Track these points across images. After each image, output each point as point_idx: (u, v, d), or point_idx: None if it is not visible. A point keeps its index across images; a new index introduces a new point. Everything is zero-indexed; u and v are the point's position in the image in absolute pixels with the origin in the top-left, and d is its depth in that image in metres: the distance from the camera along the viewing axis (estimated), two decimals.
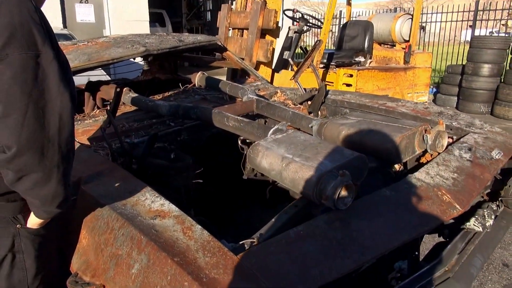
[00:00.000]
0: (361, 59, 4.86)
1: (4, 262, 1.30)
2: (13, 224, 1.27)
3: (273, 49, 3.83)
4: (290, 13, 4.22)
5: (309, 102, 2.78)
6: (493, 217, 1.74)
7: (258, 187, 2.16)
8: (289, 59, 4.18)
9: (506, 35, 11.41)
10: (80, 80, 3.61)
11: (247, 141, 2.12)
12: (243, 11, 4.09)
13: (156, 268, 1.15)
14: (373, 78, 4.50)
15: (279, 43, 4.49)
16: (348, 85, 4.40)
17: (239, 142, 2.49)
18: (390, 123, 1.82)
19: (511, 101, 6.95)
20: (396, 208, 1.37)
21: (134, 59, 4.42)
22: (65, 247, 1.53)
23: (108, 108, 1.99)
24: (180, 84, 3.29)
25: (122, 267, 1.25)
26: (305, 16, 4.19)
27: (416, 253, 1.58)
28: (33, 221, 1.27)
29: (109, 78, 5.53)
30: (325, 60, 4.66)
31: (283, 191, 1.89)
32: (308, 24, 4.31)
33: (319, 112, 2.74)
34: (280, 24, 4.32)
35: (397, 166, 1.81)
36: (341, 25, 5.70)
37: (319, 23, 4.47)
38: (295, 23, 4.24)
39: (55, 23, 9.18)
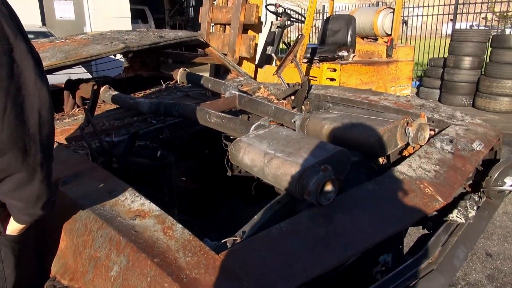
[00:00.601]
0: (344, 53, 4.87)
1: None
2: None
3: (256, 45, 3.80)
4: (272, 8, 4.19)
5: (293, 97, 2.76)
6: (475, 208, 1.76)
7: (243, 183, 2.14)
8: (272, 54, 4.16)
9: (486, 28, 11.59)
10: (59, 79, 3.53)
11: (231, 137, 2.10)
12: (225, 6, 4.04)
13: (136, 269, 1.12)
14: (356, 72, 4.51)
15: (262, 38, 4.47)
16: (332, 79, 4.40)
17: (223, 138, 2.46)
18: (372, 116, 1.82)
19: (491, 93, 7.07)
20: (379, 202, 1.37)
21: (115, 56, 4.35)
22: (44, 251, 1.49)
23: (86, 107, 1.94)
24: (162, 81, 3.24)
25: (100, 269, 1.21)
26: (288, 11, 4.17)
27: (400, 246, 1.58)
28: (13, 227, 1.20)
29: (90, 76, 5.43)
30: (308, 55, 4.65)
31: (269, 187, 1.87)
32: (291, 19, 4.29)
33: (303, 107, 2.73)
34: (263, 19, 4.30)
35: (380, 160, 1.81)
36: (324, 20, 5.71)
37: (302, 18, 4.45)
38: (278, 18, 4.22)
39: (33, 20, 8.96)
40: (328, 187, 1.32)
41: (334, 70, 4.38)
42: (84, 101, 3.00)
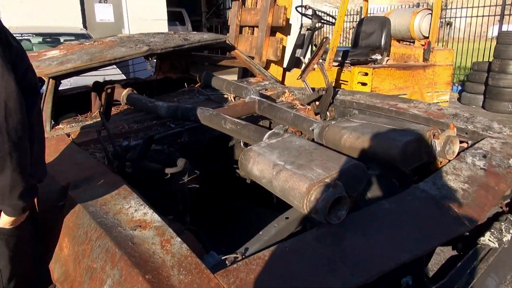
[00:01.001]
0: (378, 56, 4.67)
1: None
2: None
3: (284, 47, 3.70)
4: (302, 10, 4.08)
5: (317, 103, 2.65)
6: (511, 231, 1.58)
7: (264, 191, 2.06)
8: (301, 58, 4.05)
9: None
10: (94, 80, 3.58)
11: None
12: (253, 8, 3.98)
13: (127, 285, 1.07)
14: (389, 76, 4.31)
15: (291, 41, 4.36)
16: (363, 84, 4.22)
17: (241, 144, 2.39)
18: (396, 126, 1.68)
19: None
20: (396, 223, 1.24)
21: (149, 58, 4.38)
22: (44, 250, 1.49)
23: (102, 110, 1.92)
24: (185, 84, 3.22)
25: (95, 281, 1.17)
26: (318, 13, 4.04)
27: (422, 269, 1.44)
28: (4, 220, 1.23)
29: (124, 77, 5.53)
30: (339, 58, 4.50)
31: None
32: (322, 21, 4.16)
33: (327, 113, 2.61)
34: (297, 21, 4.19)
35: (403, 175, 1.66)
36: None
37: (333, 20, 4.31)
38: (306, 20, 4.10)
39: (75, 23, 9.31)
40: (339, 205, 1.21)
41: (366, 74, 4.21)
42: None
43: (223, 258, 1.20)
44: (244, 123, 1.87)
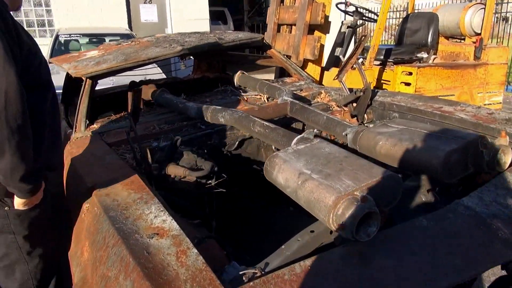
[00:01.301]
0: (424, 55, 4.40)
1: None
2: (1, 208, 1.38)
3: (322, 46, 3.56)
4: (342, 7, 3.92)
5: (354, 104, 2.51)
6: None
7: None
8: (341, 56, 3.89)
9: None
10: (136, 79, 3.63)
11: None
12: (291, 5, 3.86)
13: None
14: (436, 76, 4.03)
15: (331, 39, 4.20)
16: (407, 84, 3.98)
17: (273, 147, 2.30)
18: (438, 133, 1.53)
19: None
20: (435, 244, 1.11)
21: (185, 58, 4.40)
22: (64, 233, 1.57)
23: (129, 111, 1.91)
24: (219, 84, 3.18)
25: None
26: (359, 9, 3.86)
27: None
28: (17, 202, 1.36)
29: (164, 76, 5.61)
30: (381, 57, 4.28)
31: None
32: (363, 18, 3.97)
33: (365, 116, 2.46)
34: (339, 18, 4.04)
35: (444, 187, 1.51)
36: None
37: (375, 17, 4.10)
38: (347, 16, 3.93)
39: (121, 24, 9.62)
40: (369, 221, 1.10)
41: (410, 73, 3.96)
42: (144, 102, 3.04)
43: (241, 273, 1.12)
44: (273, 126, 1.78)
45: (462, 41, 4.97)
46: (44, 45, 7.77)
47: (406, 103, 2.31)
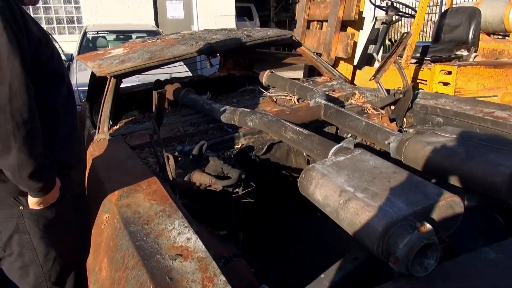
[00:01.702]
0: (464, 52, 4.12)
1: (12, 242, 1.37)
2: (16, 206, 1.33)
3: (355, 43, 3.36)
4: (376, 1, 3.70)
5: (393, 107, 2.32)
6: None
7: None
8: (374, 54, 3.68)
9: None
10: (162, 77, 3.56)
11: None
12: (323, 1, 3.68)
13: None
14: (477, 75, 3.76)
15: (364, 35, 3.99)
16: (446, 83, 3.73)
17: (304, 154, 2.15)
18: (499, 144, 1.34)
19: None
20: (505, 280, 0.93)
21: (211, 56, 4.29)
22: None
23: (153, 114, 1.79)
24: (246, 83, 3.05)
25: None
26: (396, 4, 3.63)
27: None
28: (31, 201, 1.31)
29: (190, 74, 5.53)
30: (418, 55, 4.03)
31: None
32: (399, 13, 3.74)
33: (404, 120, 2.27)
34: (369, 14, 3.83)
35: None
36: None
37: (413, 12, 3.86)
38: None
39: (147, 20, 9.63)
40: (427, 251, 0.93)
41: (449, 72, 3.71)
42: (169, 102, 2.95)
43: None
44: (307, 132, 1.63)
45: (506, 37, 4.65)
46: (74, 42, 7.88)
47: (452, 107, 2.10)
